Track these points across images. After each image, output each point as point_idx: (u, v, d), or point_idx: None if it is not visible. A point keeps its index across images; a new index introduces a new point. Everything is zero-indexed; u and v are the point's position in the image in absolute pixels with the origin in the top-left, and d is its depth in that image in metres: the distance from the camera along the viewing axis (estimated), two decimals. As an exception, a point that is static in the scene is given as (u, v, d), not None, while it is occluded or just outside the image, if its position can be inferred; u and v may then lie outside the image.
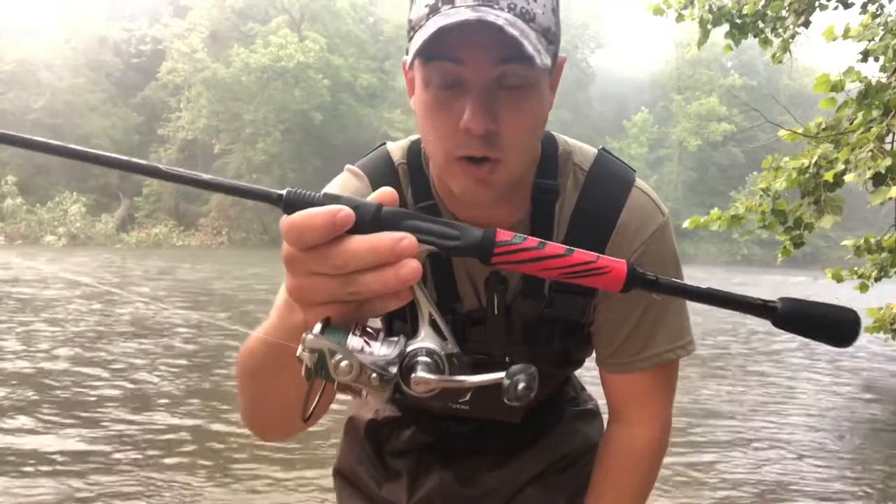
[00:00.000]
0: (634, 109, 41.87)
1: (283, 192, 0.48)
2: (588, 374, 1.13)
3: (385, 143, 0.98)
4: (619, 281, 0.48)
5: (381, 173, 0.92)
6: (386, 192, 0.49)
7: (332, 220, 0.45)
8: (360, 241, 0.45)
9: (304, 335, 0.46)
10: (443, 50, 0.69)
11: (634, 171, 0.94)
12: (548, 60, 0.69)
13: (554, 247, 0.48)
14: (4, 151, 29.96)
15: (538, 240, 0.48)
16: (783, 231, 4.53)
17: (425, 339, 0.47)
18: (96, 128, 31.08)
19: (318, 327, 0.46)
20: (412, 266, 0.45)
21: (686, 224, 4.72)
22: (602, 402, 1.10)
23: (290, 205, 0.47)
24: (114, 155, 0.49)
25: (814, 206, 4.10)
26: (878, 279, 4.88)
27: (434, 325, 0.48)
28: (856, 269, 5.04)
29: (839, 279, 4.74)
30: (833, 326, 0.50)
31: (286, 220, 0.46)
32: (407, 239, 0.45)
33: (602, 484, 1.00)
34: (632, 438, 0.98)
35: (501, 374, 0.45)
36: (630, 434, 0.98)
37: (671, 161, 40.69)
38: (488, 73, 0.70)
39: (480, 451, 1.08)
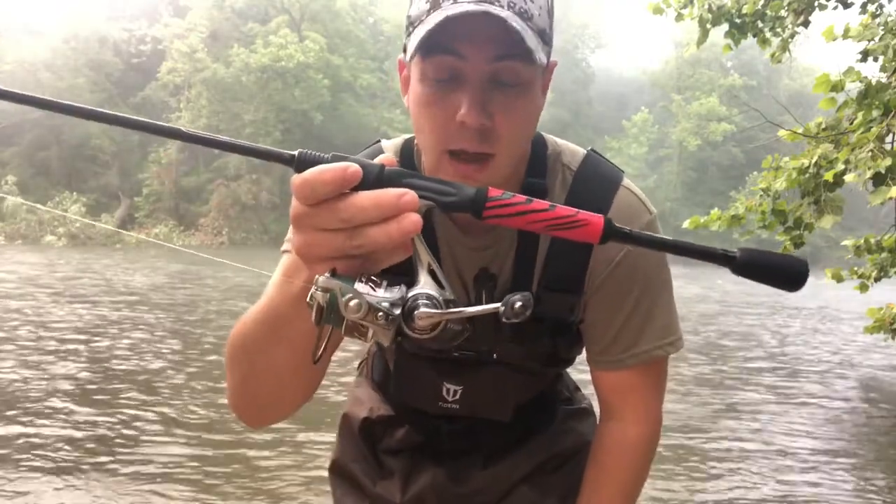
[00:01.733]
0: (634, 109, 41.83)
1: (296, 152, 0.51)
2: (582, 374, 1.13)
3: (380, 141, 0.99)
4: (596, 233, 0.53)
5: None
6: (387, 157, 0.53)
7: (343, 175, 0.48)
8: (366, 196, 0.49)
9: (315, 278, 0.50)
10: (443, 43, 0.70)
11: (623, 172, 0.95)
12: (544, 59, 0.71)
13: (539, 203, 0.52)
14: (4, 152, 29.97)
15: (525, 196, 0.53)
16: (783, 231, 4.53)
17: (424, 286, 0.51)
18: (96, 128, 31.04)
19: (327, 273, 0.50)
20: (413, 219, 0.49)
21: (686, 224, 4.71)
22: (596, 402, 1.11)
23: (302, 164, 0.50)
24: (134, 117, 0.51)
25: (814, 206, 4.10)
26: (878, 279, 4.88)
27: (432, 274, 0.52)
28: (856, 269, 5.04)
29: (839, 279, 4.74)
30: (784, 272, 0.54)
31: (298, 176, 0.49)
32: (409, 194, 0.49)
33: (595, 481, 1.01)
34: (624, 434, 0.99)
35: (498, 304, 0.51)
36: (622, 430, 0.99)
37: (671, 161, 40.64)
38: (486, 68, 0.71)
39: (473, 450, 1.09)
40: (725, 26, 5.19)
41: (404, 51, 0.77)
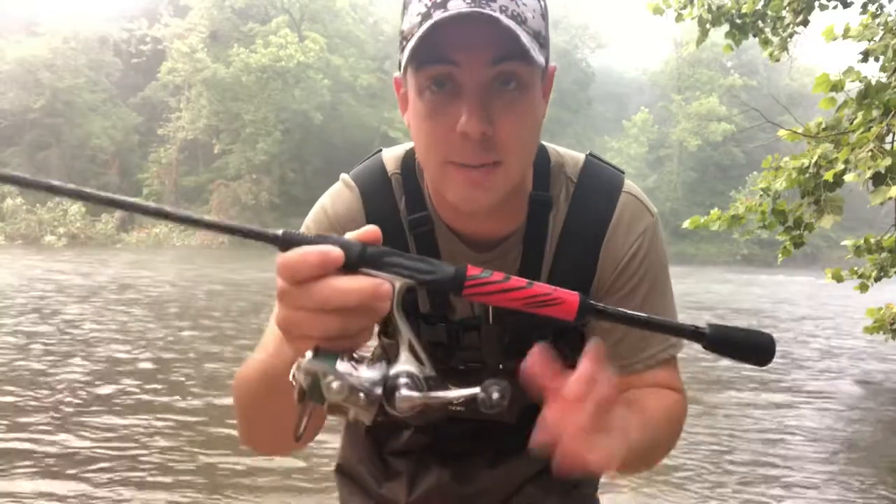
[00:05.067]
0: (634, 109, 41.88)
1: (280, 232, 0.52)
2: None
3: (381, 151, 0.98)
4: (572, 311, 0.55)
5: (375, 184, 0.92)
6: (370, 231, 0.54)
7: (325, 259, 0.50)
8: (345, 281, 0.50)
9: (298, 360, 0.51)
10: (437, 52, 0.68)
11: (623, 174, 0.94)
12: (542, 59, 0.69)
13: (517, 280, 0.54)
14: (4, 151, 30.03)
15: (503, 274, 0.54)
16: (783, 231, 4.54)
17: (405, 364, 0.52)
18: (96, 128, 31.08)
19: (309, 353, 0.51)
20: (384, 306, 0.51)
21: (686, 224, 4.72)
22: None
23: (286, 243, 0.51)
24: (125, 198, 0.51)
25: (814, 206, 4.11)
26: (878, 279, 4.89)
27: (413, 350, 0.53)
28: (856, 269, 5.04)
29: (839, 279, 4.74)
30: (753, 349, 0.56)
31: (282, 257, 0.51)
32: (384, 286, 0.51)
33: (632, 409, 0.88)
34: (654, 391, 0.92)
35: (476, 389, 0.51)
36: (650, 391, 0.92)
37: (671, 161, 40.69)
38: (483, 73, 0.70)
39: (479, 452, 1.09)
40: (726, 26, 5.20)
41: (399, 67, 0.75)
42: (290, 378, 0.51)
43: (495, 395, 0.51)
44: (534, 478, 1.09)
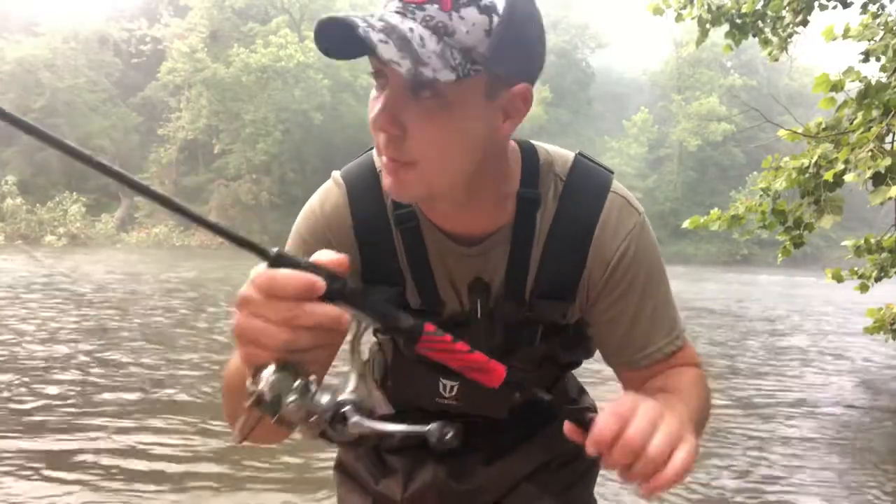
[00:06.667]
0: (634, 109, 41.84)
1: (274, 250, 0.53)
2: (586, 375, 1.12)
3: (372, 148, 0.98)
4: (498, 380, 0.62)
5: (362, 180, 0.95)
6: (339, 259, 0.55)
7: (309, 288, 0.51)
8: (316, 305, 0.52)
9: (263, 373, 0.53)
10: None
11: (612, 173, 0.95)
12: (451, 76, 0.67)
13: (462, 345, 0.61)
14: (4, 151, 29.97)
15: (451, 336, 0.60)
16: (783, 231, 4.54)
17: (354, 392, 0.56)
18: (96, 128, 31.06)
19: (272, 367, 0.53)
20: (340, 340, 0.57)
21: (686, 224, 4.72)
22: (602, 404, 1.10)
23: (277, 262, 0.53)
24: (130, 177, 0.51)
25: (814, 206, 4.11)
26: (878, 279, 4.89)
27: (364, 381, 0.57)
28: (856, 269, 5.04)
29: (839, 279, 4.75)
30: None
31: (268, 271, 0.52)
32: (346, 316, 0.53)
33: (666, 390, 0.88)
34: (678, 370, 0.94)
35: (427, 427, 0.56)
36: (674, 370, 0.94)
37: (671, 161, 40.65)
38: (399, 76, 0.70)
39: (474, 449, 1.10)
40: (726, 26, 5.21)
41: None
42: (248, 386, 0.53)
43: (448, 436, 0.55)
44: (530, 475, 1.10)
